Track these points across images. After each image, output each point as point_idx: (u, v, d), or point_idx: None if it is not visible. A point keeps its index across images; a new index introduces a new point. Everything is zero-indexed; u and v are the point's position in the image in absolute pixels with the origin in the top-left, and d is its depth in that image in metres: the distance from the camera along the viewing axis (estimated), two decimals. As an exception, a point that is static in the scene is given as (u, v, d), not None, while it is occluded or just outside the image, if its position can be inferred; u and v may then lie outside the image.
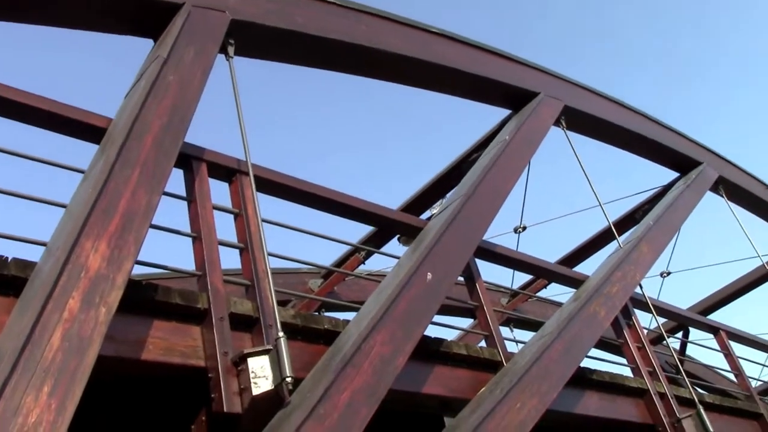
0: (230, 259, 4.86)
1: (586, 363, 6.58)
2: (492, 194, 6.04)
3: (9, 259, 3.51)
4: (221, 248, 4.53)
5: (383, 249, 8.11)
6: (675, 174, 9.92)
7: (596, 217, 8.04)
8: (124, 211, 3.73)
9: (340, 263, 8.42)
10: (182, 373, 4.03)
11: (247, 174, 4.71)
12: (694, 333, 12.24)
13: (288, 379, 3.91)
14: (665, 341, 8.05)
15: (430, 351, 5.15)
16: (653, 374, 6.98)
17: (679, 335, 13.08)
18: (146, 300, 3.95)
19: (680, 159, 9.70)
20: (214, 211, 4.63)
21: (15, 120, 4.29)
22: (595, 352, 8.90)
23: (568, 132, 8.02)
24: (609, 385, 6.47)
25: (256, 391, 3.90)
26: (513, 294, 10.76)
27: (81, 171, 4.15)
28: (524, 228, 9.57)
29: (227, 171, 4.88)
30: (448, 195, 6.27)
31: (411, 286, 4.79)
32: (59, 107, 4.35)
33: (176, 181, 4.72)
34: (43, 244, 3.70)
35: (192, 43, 4.71)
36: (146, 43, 5.05)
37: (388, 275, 5.22)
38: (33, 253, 4.19)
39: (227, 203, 4.89)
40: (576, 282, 7.25)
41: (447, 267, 5.19)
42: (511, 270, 9.25)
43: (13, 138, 4.40)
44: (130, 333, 3.83)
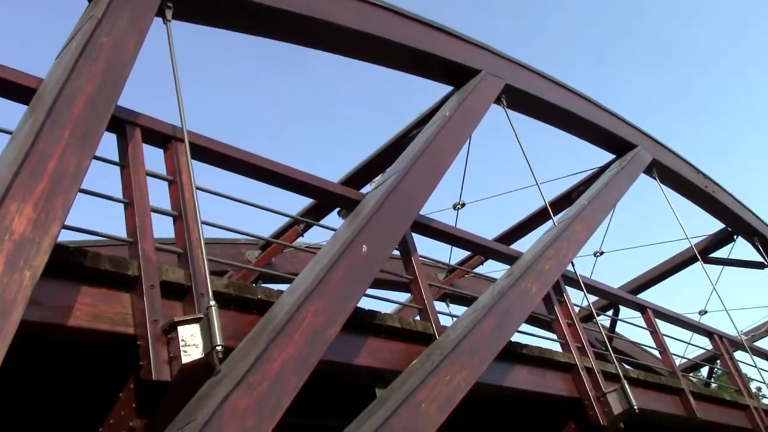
0: (164, 228, 4.81)
1: (518, 338, 6.75)
2: (430, 169, 6.08)
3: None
4: (155, 216, 4.47)
5: (323, 222, 8.12)
6: (611, 156, 10.15)
7: (535, 196, 8.19)
8: (52, 174, 3.64)
9: (279, 235, 8.39)
10: (111, 341, 3.98)
11: (183, 141, 4.65)
12: (624, 311, 12.60)
13: (218, 348, 3.91)
14: (595, 318, 8.24)
15: (364, 323, 5.18)
16: (582, 350, 7.16)
17: (610, 313, 13.45)
18: (74, 266, 3.87)
19: (616, 141, 9.91)
20: (148, 178, 4.56)
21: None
22: (528, 328, 9.13)
23: (509, 111, 8.12)
24: (538, 360, 6.62)
25: (186, 360, 3.87)
26: (450, 270, 10.89)
27: (8, 132, 4.04)
28: (463, 205, 9.68)
29: (162, 137, 4.79)
30: (388, 169, 6.28)
31: (346, 258, 4.80)
32: (-15, 65, 4.20)
33: (111, 147, 4.64)
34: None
35: (128, 5, 4.59)
36: (81, 2, 4.90)
37: (324, 247, 5.23)
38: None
39: (162, 170, 4.81)
40: (512, 259, 7.37)
41: (383, 240, 5.22)
42: (449, 246, 9.36)
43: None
44: (58, 298, 3.76)
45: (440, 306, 11.16)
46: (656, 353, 11.32)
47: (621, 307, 12.82)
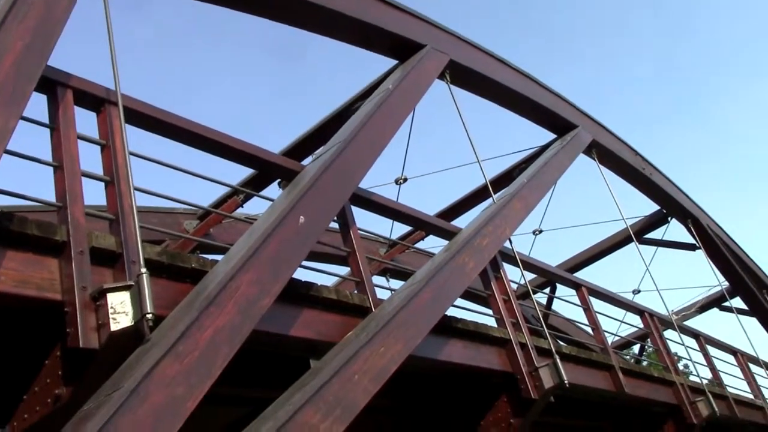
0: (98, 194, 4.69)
1: (455, 313, 6.81)
2: (371, 142, 6.06)
3: None
4: (87, 181, 4.36)
5: (263, 193, 8.03)
6: (553, 136, 10.28)
7: (479, 174, 8.26)
8: (-24, 134, 3.51)
9: (218, 205, 8.28)
10: (37, 306, 3.88)
11: (116, 104, 4.53)
12: (561, 289, 12.87)
13: (148, 316, 3.84)
14: (531, 295, 8.38)
15: (300, 294, 5.16)
16: (516, 325, 7.27)
17: (548, 291, 13.71)
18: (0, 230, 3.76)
19: (558, 121, 10.04)
20: (80, 142, 4.44)
21: None
22: (466, 304, 9.24)
23: (453, 87, 8.14)
24: (473, 334, 6.70)
25: (115, 327, 3.80)
26: (391, 244, 10.92)
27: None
28: (405, 179, 9.70)
29: (95, 100, 4.65)
30: (329, 142, 6.24)
31: (282, 228, 4.76)
32: None
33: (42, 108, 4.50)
34: None
35: (60, -39, 4.43)
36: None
37: (261, 217, 5.19)
38: None
39: (95, 134, 4.69)
40: (452, 235, 7.41)
41: (320, 211, 5.19)
42: (391, 222, 9.39)
43: None
44: (-19, 263, 3.65)
45: (381, 281, 11.23)
46: (590, 331, 11.59)
47: (558, 285, 13.11)
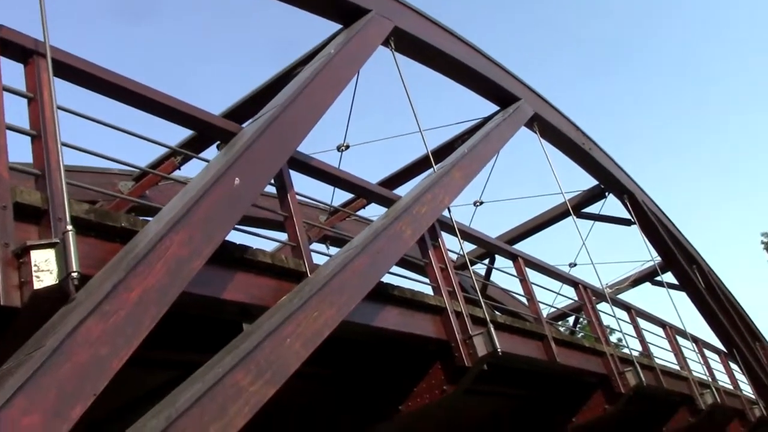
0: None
1: (394, 281, 6.84)
2: (310, 106, 5.99)
3: None
4: (12, 135, 4.20)
5: (202, 155, 7.87)
6: (497, 108, 10.34)
7: (422, 144, 8.26)
8: None
9: (154, 167, 8.10)
10: (-46, 263, 3.75)
11: (45, 56, 4.36)
12: (501, 261, 13.02)
13: (74, 275, 3.74)
14: (468, 264, 8.45)
15: (234, 258, 5.10)
16: (453, 294, 7.34)
17: (487, 262, 13.88)
18: None
19: (501, 93, 10.09)
20: (5, 94, 4.26)
21: None
22: (404, 273, 9.29)
23: (397, 54, 8.09)
24: (410, 302, 6.74)
25: (38, 285, 3.70)
26: (332, 212, 10.88)
27: None
28: (347, 147, 9.63)
29: (22, 50, 4.47)
30: (268, 104, 6.14)
31: (216, 189, 4.68)
32: None
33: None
34: None
35: None
36: None
37: (195, 177, 5.09)
38: None
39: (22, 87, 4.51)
40: (393, 203, 7.41)
41: (256, 174, 5.12)
42: (332, 188, 9.34)
43: None
44: None
45: (322, 249, 11.18)
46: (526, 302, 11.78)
47: (497, 257, 13.27)
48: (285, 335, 4.67)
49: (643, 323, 13.89)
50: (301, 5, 7.22)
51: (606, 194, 13.73)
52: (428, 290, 7.52)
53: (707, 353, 17.38)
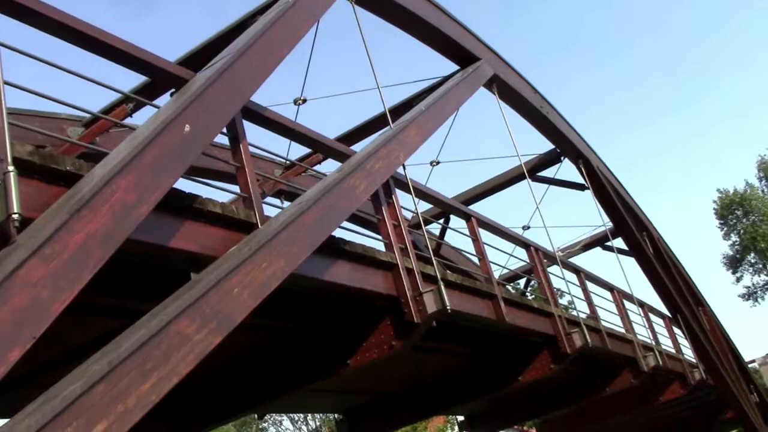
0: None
1: (347, 236, 6.82)
2: (266, 55, 5.87)
3: None
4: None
5: (155, 103, 7.70)
6: (457, 68, 10.28)
7: (381, 101, 8.18)
8: None
9: (105, 113, 7.90)
10: None
11: (-13, -11, 4.20)
12: (456, 222, 13.09)
13: (15, 217, 3.67)
14: (420, 222, 8.48)
15: (183, 206, 5.02)
16: (404, 251, 7.36)
17: (442, 222, 13.94)
18: None
19: (462, 52, 10.03)
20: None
21: None
22: (360, 230, 9.27)
23: (357, 7, 7.97)
24: (361, 257, 6.75)
25: (-23, 226, 3.62)
26: (287, 166, 10.79)
27: None
28: (304, 100, 9.51)
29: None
30: (222, 52, 6.00)
31: (166, 135, 4.58)
32: None
33: None
34: None
35: None
36: None
37: (145, 122, 4.98)
38: None
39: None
40: (348, 158, 7.37)
41: (208, 121, 5.02)
42: (288, 143, 9.24)
43: None
44: None
45: (276, 202, 11.11)
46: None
47: (452, 217, 13.34)
48: (232, 285, 4.64)
49: (592, 287, 14.16)
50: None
51: (562, 159, 13.84)
52: (381, 246, 7.54)
53: (652, 318, 17.84)
